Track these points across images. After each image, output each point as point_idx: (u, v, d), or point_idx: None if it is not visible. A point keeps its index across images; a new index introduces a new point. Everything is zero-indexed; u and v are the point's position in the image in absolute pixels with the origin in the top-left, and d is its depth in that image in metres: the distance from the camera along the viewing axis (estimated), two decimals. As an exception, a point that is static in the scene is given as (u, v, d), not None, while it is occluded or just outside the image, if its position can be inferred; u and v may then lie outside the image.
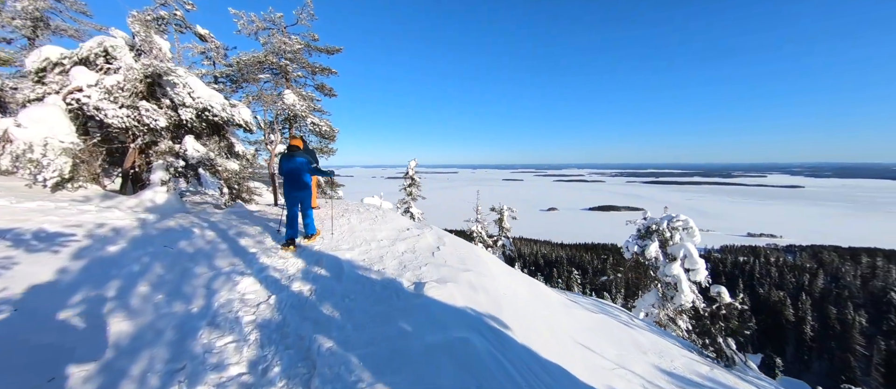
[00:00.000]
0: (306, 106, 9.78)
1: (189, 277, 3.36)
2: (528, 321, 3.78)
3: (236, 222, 6.21)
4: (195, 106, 6.96)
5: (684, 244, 12.87)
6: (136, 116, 6.69)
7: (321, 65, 11.04)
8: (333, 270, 4.21)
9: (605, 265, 78.44)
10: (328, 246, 5.23)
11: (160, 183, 7.12)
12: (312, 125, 9.81)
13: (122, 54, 6.98)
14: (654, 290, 13.52)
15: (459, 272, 4.69)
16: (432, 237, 6.37)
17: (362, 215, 7.43)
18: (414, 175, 23.35)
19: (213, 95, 7.26)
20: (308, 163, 5.16)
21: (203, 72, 11.05)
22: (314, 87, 11.41)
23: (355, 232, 6.20)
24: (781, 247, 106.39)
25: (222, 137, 7.97)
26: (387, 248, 5.52)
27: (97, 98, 6.47)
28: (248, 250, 4.56)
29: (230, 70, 10.55)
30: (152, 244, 3.95)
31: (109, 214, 4.66)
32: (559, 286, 44.83)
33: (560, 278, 60.42)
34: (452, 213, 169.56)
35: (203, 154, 7.14)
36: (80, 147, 6.21)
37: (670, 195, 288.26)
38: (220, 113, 7.08)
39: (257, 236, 5.34)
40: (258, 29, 10.43)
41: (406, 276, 4.35)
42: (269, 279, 3.73)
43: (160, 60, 7.07)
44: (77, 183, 6.16)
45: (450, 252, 5.69)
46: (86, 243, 3.57)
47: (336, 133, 10.37)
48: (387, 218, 7.39)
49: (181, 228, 4.90)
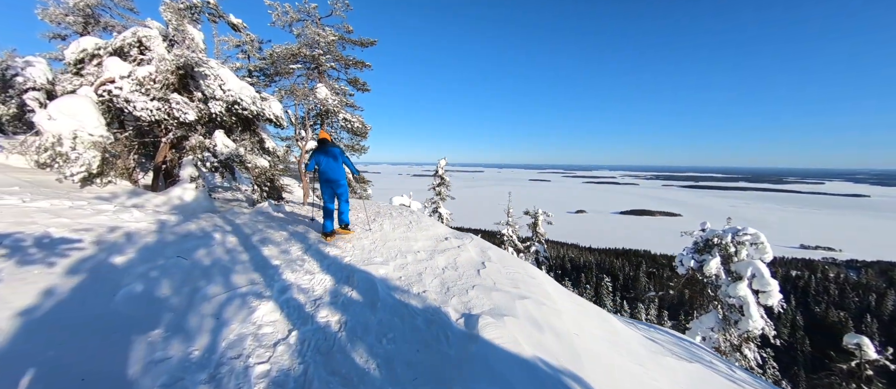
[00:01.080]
0: (339, 101, 9.29)
1: (198, 301, 2.77)
2: (617, 382, 2.90)
3: (263, 224, 5.73)
4: (225, 99, 6.58)
5: (752, 262, 11.27)
6: (166, 109, 6.39)
7: (354, 58, 10.54)
8: (367, 292, 3.52)
9: (638, 273, 74.33)
10: (360, 259, 4.57)
11: (189, 180, 6.81)
12: (344, 121, 9.31)
13: (155, 45, 6.72)
14: (713, 312, 11.99)
15: (515, 299, 3.87)
16: (474, 250, 5.58)
17: (395, 220, 6.77)
18: (443, 174, 22.68)
19: (243, 88, 6.86)
20: (342, 152, 5.37)
21: (237, 66, 10.87)
22: (347, 81, 10.94)
23: (389, 241, 5.53)
24: (841, 262, 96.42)
25: (253, 133, 7.60)
26: (425, 262, 4.79)
27: (129, 90, 6.21)
28: (270, 261, 3.98)
29: (264, 64, 10.27)
30: (165, 254, 3.43)
31: (127, 215, 4.24)
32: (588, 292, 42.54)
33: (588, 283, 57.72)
34: (478, 213, 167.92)
35: (232, 150, 6.77)
36: (110, 141, 5.97)
37: (711, 201, 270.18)
38: (250, 106, 6.66)
39: (283, 243, 4.78)
40: (292, 20, 10.07)
41: (452, 303, 3.59)
42: (292, 304, 3.09)
43: (192, 51, 6.75)
44: (106, 179, 5.92)
45: (497, 270, 4.87)
46: (90, 252, 3.09)
47: (368, 130, 9.84)
48: (422, 225, 6.68)
49: (202, 232, 4.41)
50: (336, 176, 5.24)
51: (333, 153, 5.24)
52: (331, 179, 5.23)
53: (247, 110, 6.68)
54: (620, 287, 67.80)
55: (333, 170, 5.22)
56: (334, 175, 5.23)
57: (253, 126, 7.47)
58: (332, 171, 5.22)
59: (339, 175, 5.28)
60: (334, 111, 9.05)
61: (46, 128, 5.17)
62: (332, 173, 5.22)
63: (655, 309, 49.20)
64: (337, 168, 5.25)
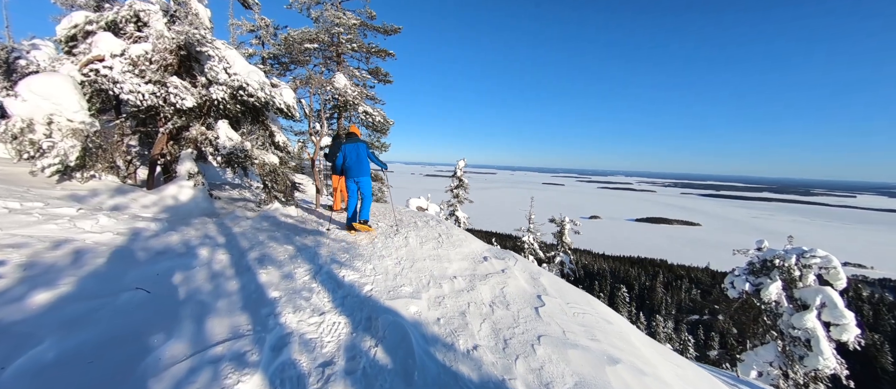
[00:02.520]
0: (359, 92, 8.31)
1: (140, 377, 1.75)
2: None
3: (266, 233, 4.75)
4: (230, 84, 5.65)
5: (822, 290, 9.79)
6: (163, 94, 5.50)
7: (377, 45, 9.55)
8: (396, 349, 2.46)
9: (654, 283, 71.41)
10: (384, 289, 3.52)
11: (187, 176, 5.92)
12: (364, 115, 8.31)
13: (154, 20, 5.84)
14: (772, 344, 10.52)
15: (603, 363, 2.74)
16: (523, 277, 4.46)
17: (422, 232, 5.70)
18: (462, 176, 21.58)
19: (251, 72, 5.92)
20: (369, 148, 5.36)
21: (251, 52, 10.03)
22: (368, 71, 9.95)
23: (417, 261, 4.46)
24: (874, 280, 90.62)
25: (261, 124, 6.67)
26: (466, 295, 3.70)
27: (119, 70, 5.35)
28: (267, 293, 2.96)
29: (278, 50, 9.39)
30: (121, 283, 2.45)
31: (89, 223, 3.30)
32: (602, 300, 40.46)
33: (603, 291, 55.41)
34: (493, 216, 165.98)
35: (237, 144, 5.83)
36: (94, 128, 5.10)
37: (733, 211, 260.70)
38: (258, 93, 5.71)
39: (287, 262, 3.77)
40: (311, 2, 9.15)
41: (518, 371, 2.49)
42: (290, 377, 2.04)
43: (196, 28, 5.86)
44: (88, 173, 5.07)
45: (560, 308, 3.74)
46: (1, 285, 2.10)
47: (390, 125, 8.82)
48: (453, 239, 5.59)
49: (185, 247, 3.44)
50: (361, 172, 5.25)
51: (360, 148, 5.26)
52: (355, 174, 5.23)
53: (253, 97, 5.72)
54: (635, 297, 65.13)
55: (359, 165, 5.23)
56: (359, 170, 5.23)
57: (262, 117, 6.53)
58: (357, 166, 5.22)
59: (364, 171, 5.30)
60: (353, 103, 8.07)
61: (14, 111, 4.31)
62: (358, 168, 5.23)
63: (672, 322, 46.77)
64: (363, 164, 5.27)
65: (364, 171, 5.28)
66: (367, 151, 5.35)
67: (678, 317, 55.96)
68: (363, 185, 5.35)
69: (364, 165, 5.27)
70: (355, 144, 5.26)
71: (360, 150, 5.25)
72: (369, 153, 5.37)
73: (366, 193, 5.44)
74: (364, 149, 5.30)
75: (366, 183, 5.39)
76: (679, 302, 69.52)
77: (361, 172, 5.26)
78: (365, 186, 5.38)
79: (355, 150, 5.23)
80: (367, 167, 5.32)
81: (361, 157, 5.25)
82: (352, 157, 5.23)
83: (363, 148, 5.29)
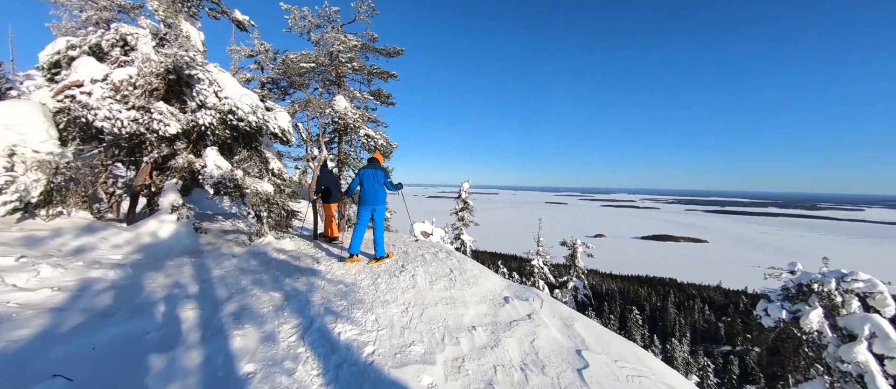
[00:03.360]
0: (360, 115, 7.86)
1: None
2: None
3: (251, 277, 4.10)
4: (219, 108, 5.17)
5: (870, 317, 8.89)
6: (146, 121, 5.02)
7: (379, 67, 9.21)
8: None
9: (665, 303, 68.91)
10: (389, 349, 2.83)
11: (169, 209, 5.35)
12: (366, 138, 7.83)
13: (141, 44, 5.45)
14: (818, 379, 9.50)
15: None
16: (554, 323, 3.75)
17: (430, 268, 5.03)
18: (467, 198, 20.99)
19: (244, 95, 5.47)
20: (387, 176, 5.27)
21: (249, 77, 9.72)
22: (370, 93, 9.57)
23: (427, 306, 3.78)
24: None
25: (255, 151, 6.16)
26: (491, 354, 3.00)
27: (99, 96, 4.89)
28: (238, 370, 2.28)
29: (277, 74, 9.05)
30: (37, 369, 1.79)
31: (24, 276, 2.69)
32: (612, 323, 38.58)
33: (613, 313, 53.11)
34: (498, 237, 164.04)
35: (226, 172, 5.29)
36: (66, 160, 4.58)
37: (740, 227, 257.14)
38: (249, 116, 5.22)
39: (270, 317, 3.10)
40: (311, 26, 8.88)
41: None
42: None
43: (185, 49, 5.46)
44: (55, 209, 4.50)
45: (607, 369, 3.02)
46: None
47: (393, 149, 8.32)
48: (467, 275, 4.91)
49: (145, 304, 2.80)
50: (377, 199, 5.15)
51: (379, 175, 5.17)
52: (371, 201, 5.13)
53: (244, 121, 5.23)
54: (647, 319, 62.51)
55: (375, 193, 5.14)
56: (375, 198, 5.14)
57: (255, 143, 6.03)
58: (373, 193, 5.13)
59: (380, 199, 5.19)
60: (355, 127, 7.59)
61: (-31, 141, 3.81)
62: (374, 195, 5.13)
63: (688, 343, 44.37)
64: (379, 192, 5.16)
65: (380, 198, 5.16)
66: (385, 178, 5.21)
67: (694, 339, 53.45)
68: (378, 213, 5.22)
69: (380, 193, 5.15)
70: (374, 171, 5.16)
71: (378, 177, 5.14)
72: (386, 181, 5.24)
73: (379, 222, 5.26)
74: (382, 176, 5.18)
75: (380, 212, 5.26)
76: (693, 323, 66.88)
77: (378, 199, 5.15)
78: (379, 214, 5.24)
79: (373, 176, 5.13)
80: (383, 195, 5.20)
81: (379, 184, 5.14)
82: (369, 183, 5.13)
83: (381, 175, 5.17)
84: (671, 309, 67.46)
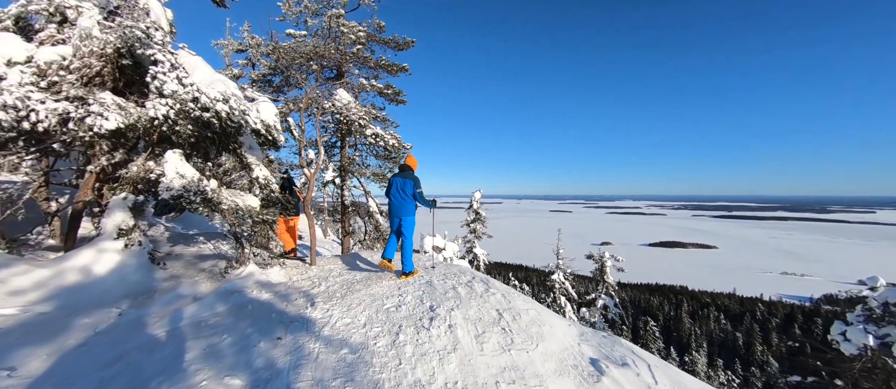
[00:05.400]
0: (365, 112, 6.51)
1: None
2: None
3: (201, 347, 2.66)
4: (181, 96, 3.83)
5: None
6: (79, 115, 3.68)
7: (388, 59, 7.91)
8: None
9: (679, 312, 66.26)
10: None
11: (115, 234, 3.96)
12: (374, 139, 6.44)
13: (84, 18, 4.16)
14: (925, 423, 7.85)
15: None
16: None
17: (469, 308, 3.57)
18: (479, 209, 19.54)
19: (215, 81, 4.13)
20: (415, 185, 4.74)
21: (238, 73, 8.45)
22: (376, 92, 8.25)
23: (477, 372, 2.33)
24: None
25: (233, 154, 4.79)
26: None
27: (16, 82, 3.58)
28: None
29: (270, 68, 7.77)
30: None
31: None
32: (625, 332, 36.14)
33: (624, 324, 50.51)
34: (505, 246, 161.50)
35: (190, 183, 3.92)
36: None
37: (748, 232, 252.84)
38: (214, 106, 3.85)
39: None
40: (309, 12, 7.63)
41: None
42: None
43: (136, 20, 4.15)
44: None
45: None
46: None
47: (407, 151, 6.94)
48: (522, 320, 3.45)
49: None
50: (405, 210, 4.77)
51: (407, 185, 4.76)
52: (399, 211, 4.77)
53: (209, 111, 3.86)
54: (662, 329, 59.77)
55: (401, 202, 4.78)
56: (403, 208, 4.76)
57: (233, 144, 4.66)
58: (401, 203, 4.77)
59: (409, 209, 4.80)
60: (360, 126, 6.22)
61: None
62: (401, 205, 4.76)
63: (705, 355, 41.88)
64: (405, 202, 4.77)
65: (406, 210, 4.74)
66: (414, 188, 4.69)
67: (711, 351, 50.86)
68: (405, 225, 4.79)
69: (406, 204, 4.72)
70: (403, 179, 4.75)
71: (406, 186, 4.71)
72: (416, 192, 4.71)
73: (406, 234, 4.84)
74: (411, 186, 4.71)
75: (408, 224, 4.81)
76: (709, 333, 64.28)
77: (403, 210, 4.72)
78: (407, 226, 4.81)
79: (401, 185, 4.73)
80: (410, 207, 4.75)
81: (407, 193, 4.71)
82: (395, 192, 4.78)
83: (410, 185, 4.71)
84: (685, 319, 64.81)
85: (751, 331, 57.31)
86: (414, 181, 4.74)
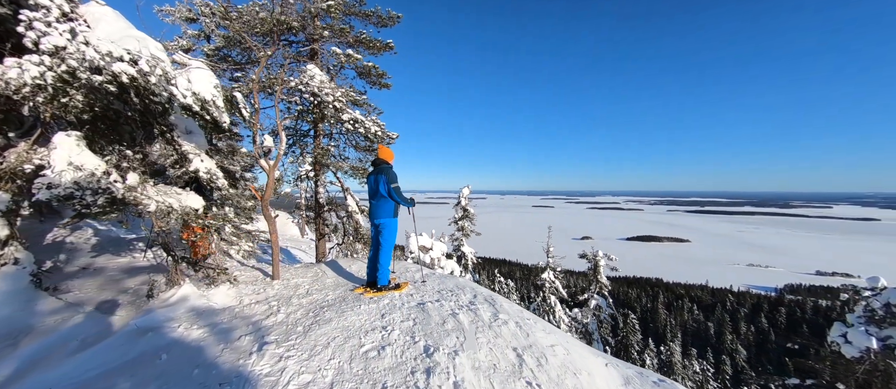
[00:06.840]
0: (342, 93, 5.41)
1: None
2: None
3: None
4: (69, 56, 2.67)
5: None
6: None
7: (368, 35, 6.80)
8: None
9: (656, 304, 68.12)
10: None
11: (-26, 249, 2.76)
12: (352, 125, 5.35)
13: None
14: (934, 430, 7.60)
15: None
16: None
17: (478, 349, 2.64)
18: (467, 206, 18.64)
19: (126, 38, 2.98)
20: (390, 179, 3.85)
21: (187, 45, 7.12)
22: (356, 72, 7.11)
23: None
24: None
25: (162, 138, 3.63)
26: None
27: None
28: None
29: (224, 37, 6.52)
30: None
31: None
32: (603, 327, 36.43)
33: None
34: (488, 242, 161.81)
35: (85, 176, 2.78)
36: None
37: (719, 226, 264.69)
38: (113, 67, 2.71)
39: None
40: (271, -25, 6.39)
41: None
42: None
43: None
44: None
45: None
46: None
47: (393, 140, 5.89)
48: (549, 366, 2.55)
49: None
50: (380, 212, 3.92)
51: (380, 180, 3.88)
52: (373, 214, 3.98)
53: (103, 74, 2.71)
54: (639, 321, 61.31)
55: (376, 204, 3.95)
56: (376, 211, 3.95)
57: (160, 125, 3.50)
58: (374, 205, 3.99)
59: (385, 211, 3.91)
60: (336, 109, 5.12)
61: None
62: (375, 206, 3.96)
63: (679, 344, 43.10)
64: (380, 203, 3.91)
65: (386, 210, 3.91)
66: (388, 184, 3.82)
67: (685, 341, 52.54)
68: (383, 230, 3.97)
69: (383, 205, 3.89)
70: (376, 175, 4.00)
71: (379, 182, 3.91)
72: (391, 188, 3.83)
73: (383, 241, 3.97)
74: (383, 181, 3.86)
75: (387, 227, 3.97)
76: (683, 324, 66.62)
77: (382, 212, 3.92)
78: (386, 231, 3.97)
79: (374, 182, 3.99)
80: (387, 208, 3.90)
81: (380, 192, 3.89)
82: (371, 192, 4.07)
83: (383, 180, 3.88)
84: (661, 310, 66.73)
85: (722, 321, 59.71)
86: (387, 176, 3.86)
